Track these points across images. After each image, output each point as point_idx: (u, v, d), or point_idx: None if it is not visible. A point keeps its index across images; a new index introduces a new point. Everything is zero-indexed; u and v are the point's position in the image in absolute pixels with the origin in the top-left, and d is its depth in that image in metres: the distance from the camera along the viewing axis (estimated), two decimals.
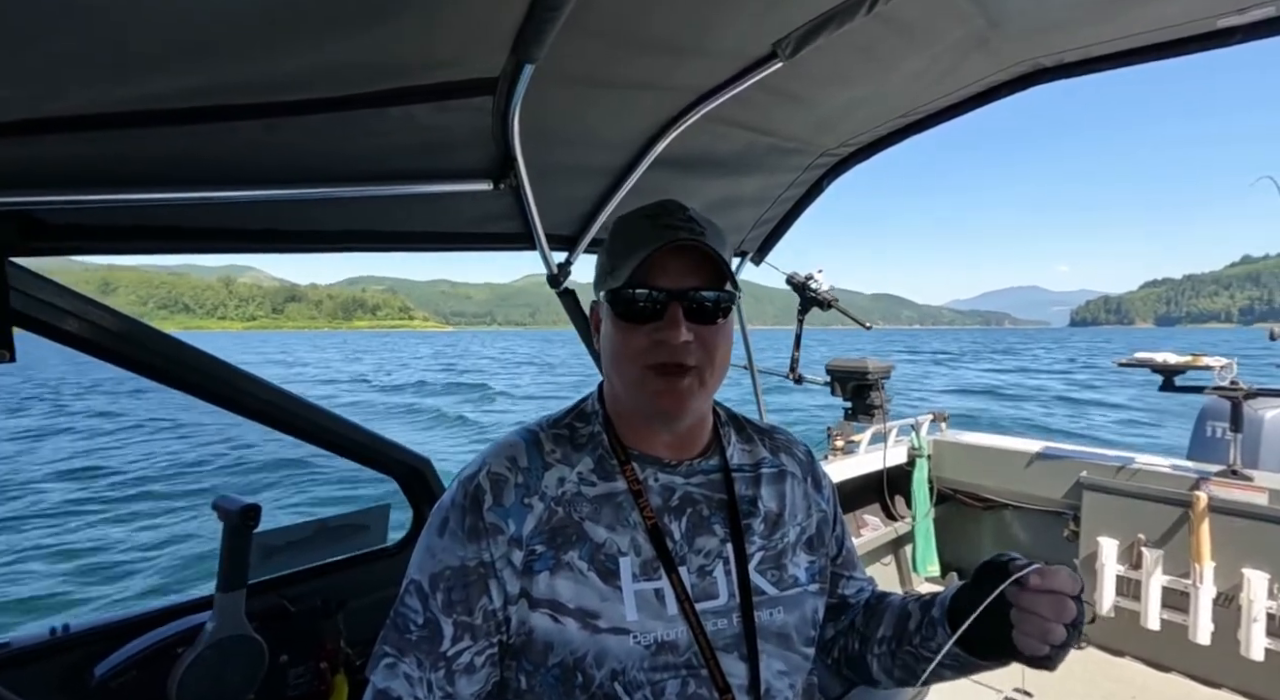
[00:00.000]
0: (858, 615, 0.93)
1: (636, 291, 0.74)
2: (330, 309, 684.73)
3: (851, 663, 0.92)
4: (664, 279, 0.74)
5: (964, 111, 1.50)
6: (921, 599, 0.86)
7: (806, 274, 2.40)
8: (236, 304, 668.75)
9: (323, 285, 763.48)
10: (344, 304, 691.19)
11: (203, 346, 1.24)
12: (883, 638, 0.87)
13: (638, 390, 0.77)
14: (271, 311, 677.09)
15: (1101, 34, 1.21)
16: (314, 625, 1.44)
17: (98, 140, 0.80)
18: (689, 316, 0.74)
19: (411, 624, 0.72)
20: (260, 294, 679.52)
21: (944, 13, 1.10)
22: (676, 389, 0.75)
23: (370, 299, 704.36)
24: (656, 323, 0.74)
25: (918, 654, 0.82)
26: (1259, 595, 2.23)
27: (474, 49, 0.88)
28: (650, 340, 0.74)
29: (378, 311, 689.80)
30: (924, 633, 0.81)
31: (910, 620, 0.84)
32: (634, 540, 0.76)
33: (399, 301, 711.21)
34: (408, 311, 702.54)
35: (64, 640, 1.18)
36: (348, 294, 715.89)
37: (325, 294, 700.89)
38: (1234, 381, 2.46)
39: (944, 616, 0.78)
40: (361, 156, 1.07)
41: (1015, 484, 3.01)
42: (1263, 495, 2.31)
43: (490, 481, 0.76)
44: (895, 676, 0.87)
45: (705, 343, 0.75)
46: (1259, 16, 1.10)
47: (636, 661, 0.71)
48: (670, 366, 0.74)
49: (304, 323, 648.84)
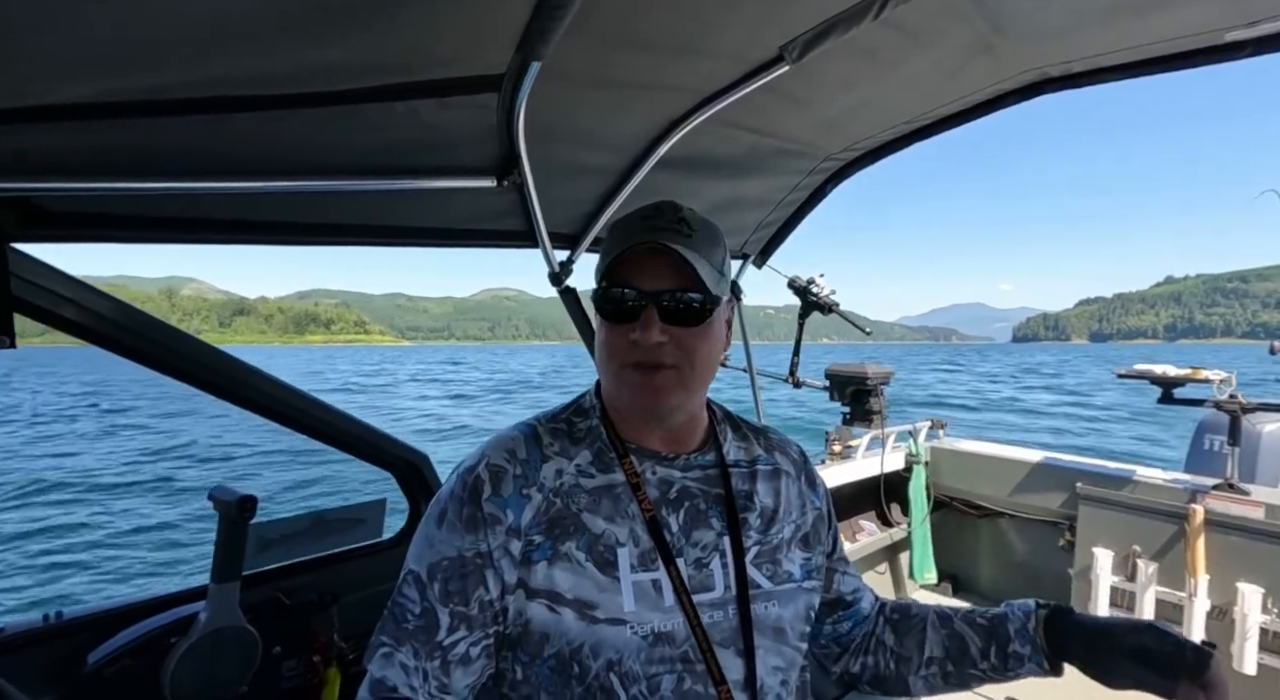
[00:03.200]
0: (884, 632, 0.94)
1: (616, 291, 0.75)
2: (281, 323, 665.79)
3: (884, 682, 0.93)
4: (643, 280, 0.75)
5: (970, 119, 1.50)
6: (971, 619, 0.90)
7: (808, 278, 2.39)
8: (180, 317, 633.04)
9: (273, 298, 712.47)
10: (295, 318, 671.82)
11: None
12: (931, 659, 0.89)
13: (619, 386, 0.78)
14: (218, 325, 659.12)
15: (1109, 44, 1.20)
16: (308, 618, 1.44)
17: (101, 129, 0.80)
18: (666, 318, 0.74)
19: (409, 614, 0.72)
20: (205, 307, 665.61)
21: (951, 19, 1.09)
22: (653, 383, 0.76)
23: (324, 313, 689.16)
24: (634, 322, 0.75)
25: (985, 676, 0.87)
26: (1253, 610, 2.23)
27: (479, 46, 0.88)
28: (628, 340, 0.75)
29: (331, 326, 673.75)
30: (994, 662, 0.86)
31: (968, 644, 0.87)
32: (632, 531, 0.76)
33: (354, 315, 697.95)
34: (363, 326, 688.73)
35: (57, 627, 1.18)
36: (300, 307, 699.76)
37: (275, 307, 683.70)
38: (1233, 395, 2.46)
39: (1038, 654, 0.84)
40: (366, 151, 1.07)
41: (1012, 493, 3.00)
42: (1259, 510, 2.31)
43: (489, 473, 0.76)
44: (940, 691, 0.91)
45: (682, 344, 0.76)
46: (1268, 31, 1.10)
47: (633, 652, 0.71)
48: (646, 364, 0.75)
49: (253, 337, 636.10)
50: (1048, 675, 0.83)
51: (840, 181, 1.81)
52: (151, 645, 1.20)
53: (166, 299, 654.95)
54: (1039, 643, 0.83)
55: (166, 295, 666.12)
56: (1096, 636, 0.81)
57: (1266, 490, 2.46)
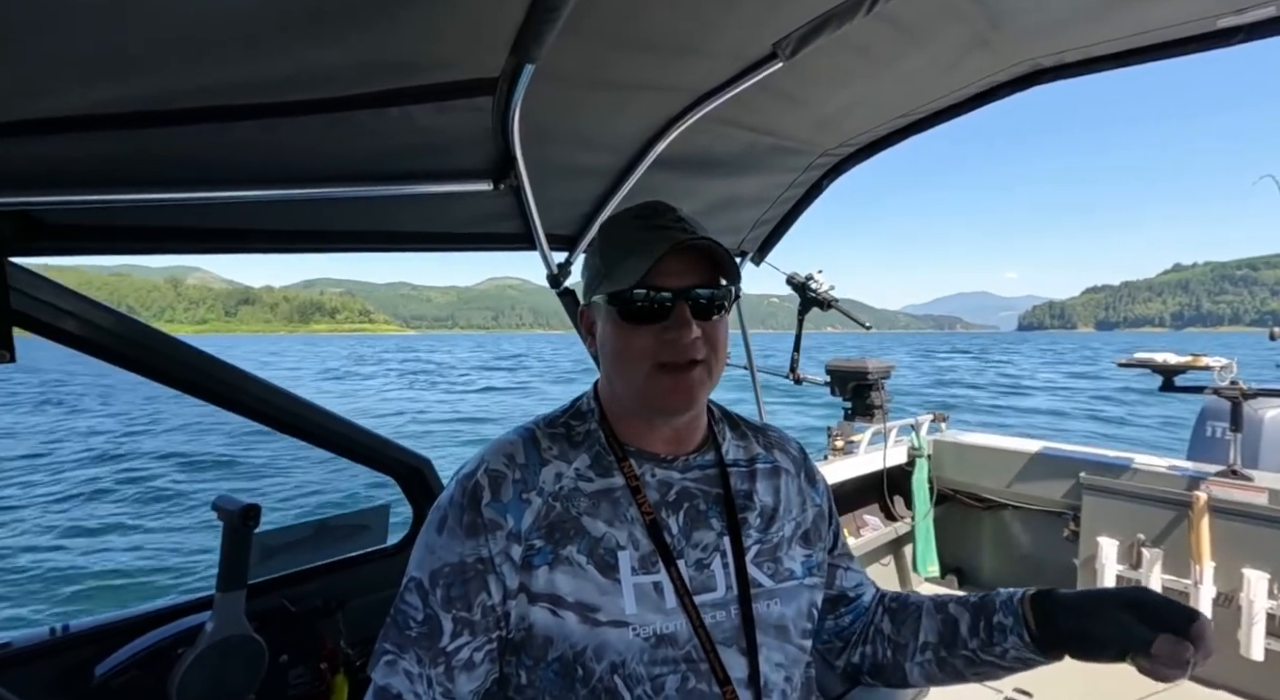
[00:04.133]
0: (882, 621, 0.94)
1: (645, 293, 0.75)
2: (286, 312, 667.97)
3: (883, 671, 0.92)
4: (669, 279, 0.75)
5: (964, 111, 1.50)
6: (963, 601, 0.88)
7: (807, 274, 2.40)
8: (186, 306, 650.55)
9: (278, 287, 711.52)
10: (300, 307, 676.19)
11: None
12: (925, 645, 0.88)
13: (646, 387, 0.78)
14: (224, 314, 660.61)
15: (1101, 34, 1.20)
16: (314, 625, 1.44)
17: (97, 140, 0.80)
18: (694, 314, 0.76)
19: (411, 621, 0.72)
20: (210, 296, 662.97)
21: (943, 12, 1.10)
22: (686, 383, 0.77)
23: (328, 302, 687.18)
24: (664, 322, 0.75)
25: (974, 657, 0.84)
26: (1259, 595, 2.23)
27: (474, 49, 0.88)
28: (658, 340, 0.76)
29: (336, 315, 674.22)
30: (982, 637, 0.83)
31: (959, 624, 0.86)
32: (632, 534, 0.76)
33: (358, 304, 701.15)
34: (368, 315, 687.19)
35: (64, 640, 1.18)
36: (305, 296, 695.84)
37: (280, 296, 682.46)
38: (1234, 382, 2.46)
39: (1020, 625, 0.80)
40: (362, 157, 1.07)
41: (1015, 484, 3.01)
42: (1262, 495, 2.31)
43: (488, 479, 0.76)
44: (938, 681, 0.89)
45: (709, 337, 0.77)
46: (1259, 17, 1.10)
47: (636, 654, 0.71)
48: (679, 363, 0.76)
49: (258, 326, 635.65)
50: (1032, 653, 0.79)
51: (836, 177, 1.81)
52: (158, 656, 1.20)
53: (172, 288, 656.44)
54: (1021, 612, 0.80)
55: (172, 284, 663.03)
56: (1083, 599, 0.78)
57: (1269, 476, 2.46)
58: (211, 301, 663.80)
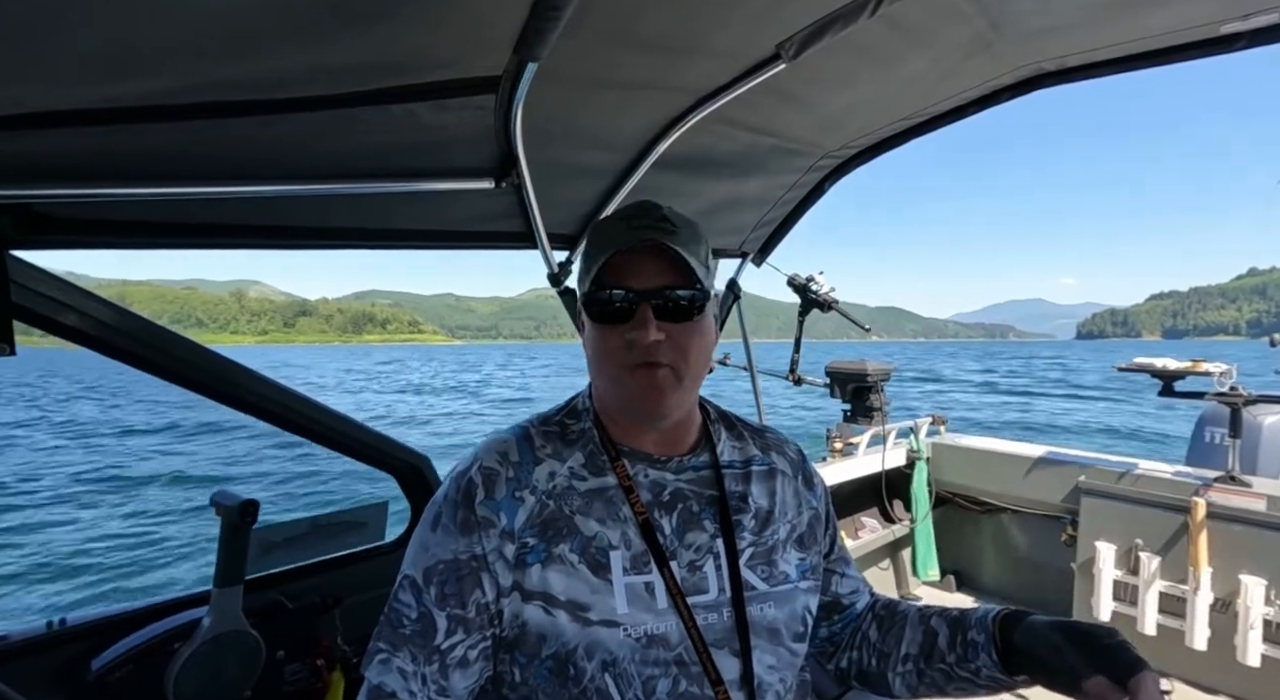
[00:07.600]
0: (870, 628, 0.93)
1: (608, 293, 0.75)
2: (340, 323, 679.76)
3: (868, 678, 0.92)
4: (634, 279, 0.75)
5: (967, 115, 1.50)
6: (946, 614, 0.87)
7: (807, 276, 2.40)
8: (249, 318, 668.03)
9: (332, 299, 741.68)
10: (354, 318, 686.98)
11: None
12: (907, 655, 0.87)
13: (617, 389, 0.78)
14: (283, 325, 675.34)
15: (1104, 38, 1.20)
16: (311, 622, 1.44)
17: (99, 134, 0.80)
18: (660, 316, 0.75)
19: (405, 619, 0.72)
20: (271, 308, 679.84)
21: (947, 15, 1.09)
22: (653, 384, 0.75)
23: (379, 313, 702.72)
24: (629, 323, 0.75)
25: (951, 672, 0.83)
26: (1256, 601, 2.23)
27: (476, 48, 0.88)
28: (623, 340, 0.75)
29: (387, 325, 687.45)
30: (959, 652, 0.82)
31: (938, 637, 0.85)
32: (624, 534, 0.76)
33: (407, 316, 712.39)
34: (417, 325, 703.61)
35: (61, 634, 1.18)
36: (357, 308, 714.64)
37: (335, 308, 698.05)
38: (1234, 387, 2.46)
39: (989, 643, 0.79)
40: (363, 154, 1.07)
41: (1014, 488, 3.00)
42: (1261, 501, 2.31)
43: (482, 476, 0.76)
44: (920, 693, 0.88)
45: (677, 342, 0.76)
46: (1264, 23, 1.10)
47: (627, 654, 0.71)
48: (643, 364, 0.75)
49: (315, 336, 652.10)
50: (999, 673, 0.79)
51: (838, 179, 1.81)
52: (155, 651, 1.20)
53: (236, 301, 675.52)
54: (991, 630, 0.80)
55: (236, 297, 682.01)
56: (1047, 626, 0.77)
57: (1268, 482, 2.46)
58: (272, 313, 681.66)
